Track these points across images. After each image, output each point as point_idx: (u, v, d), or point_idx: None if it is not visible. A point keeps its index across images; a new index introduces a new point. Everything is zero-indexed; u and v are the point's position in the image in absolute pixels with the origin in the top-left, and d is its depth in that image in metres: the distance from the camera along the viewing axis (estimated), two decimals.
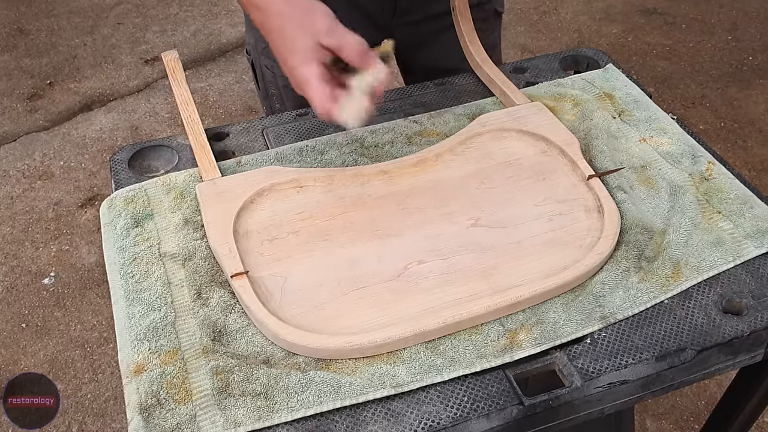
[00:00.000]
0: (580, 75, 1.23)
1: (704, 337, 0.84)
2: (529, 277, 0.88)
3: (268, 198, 0.99)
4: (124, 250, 0.93)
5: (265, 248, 0.93)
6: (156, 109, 3.07)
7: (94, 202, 2.63)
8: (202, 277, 0.90)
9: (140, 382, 0.78)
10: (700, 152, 1.06)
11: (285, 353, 0.82)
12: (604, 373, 0.80)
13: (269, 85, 1.36)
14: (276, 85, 1.34)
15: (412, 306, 0.86)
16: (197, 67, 3.31)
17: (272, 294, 0.88)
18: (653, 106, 1.15)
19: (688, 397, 2.01)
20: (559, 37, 3.43)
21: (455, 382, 0.80)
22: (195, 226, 0.96)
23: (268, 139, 1.12)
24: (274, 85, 1.34)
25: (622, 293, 0.87)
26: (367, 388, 0.78)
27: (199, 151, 1.05)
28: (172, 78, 1.16)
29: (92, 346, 2.18)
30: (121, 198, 1.00)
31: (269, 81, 1.35)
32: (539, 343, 0.82)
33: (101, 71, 3.30)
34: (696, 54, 3.32)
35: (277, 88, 1.34)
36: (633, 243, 0.93)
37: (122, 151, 1.09)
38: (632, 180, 1.02)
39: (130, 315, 0.85)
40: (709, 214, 0.96)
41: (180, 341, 0.83)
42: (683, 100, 3.05)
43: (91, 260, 2.42)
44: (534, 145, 1.07)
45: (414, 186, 1.02)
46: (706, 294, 0.88)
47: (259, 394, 0.77)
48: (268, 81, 1.35)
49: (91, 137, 2.93)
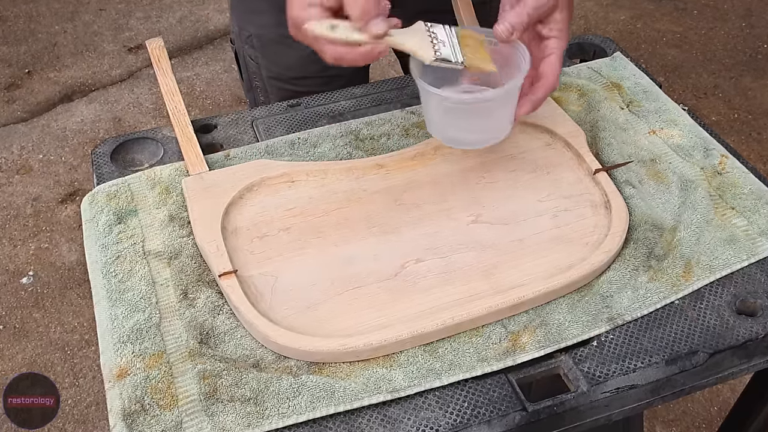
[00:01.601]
0: (586, 64, 1.23)
1: (717, 339, 0.84)
2: (533, 276, 0.89)
3: (258, 193, 0.99)
4: (106, 248, 0.93)
5: (254, 246, 0.93)
6: (140, 100, 3.06)
7: (74, 197, 2.63)
8: (188, 277, 0.89)
9: (123, 387, 0.78)
10: (713, 145, 1.06)
11: (276, 356, 0.82)
12: (611, 378, 0.80)
13: (253, 76, 1.35)
14: (260, 77, 1.33)
15: (409, 307, 0.86)
16: (183, 56, 3.31)
17: (262, 294, 0.87)
18: (663, 97, 1.15)
19: (700, 402, 2.01)
20: None
21: (455, 387, 0.80)
22: (181, 222, 0.96)
23: (257, 131, 1.12)
24: (258, 77, 1.34)
25: (631, 293, 0.87)
26: (362, 393, 0.78)
27: (185, 144, 1.05)
28: (156, 67, 1.15)
29: (73, 349, 2.18)
30: (104, 193, 1.00)
31: (253, 72, 1.34)
32: (543, 346, 0.82)
33: (82, 60, 3.29)
34: (708, 41, 3.32)
35: (261, 79, 1.34)
36: (642, 240, 0.93)
37: (104, 144, 1.09)
38: (641, 174, 1.02)
39: (112, 316, 0.85)
40: (722, 210, 0.96)
41: (165, 344, 0.82)
42: (695, 90, 3.05)
43: (72, 259, 2.42)
44: (538, 138, 1.07)
45: (411, 180, 1.02)
46: (719, 294, 0.88)
47: (248, 399, 0.77)
48: (251, 72, 1.35)
49: (71, 129, 2.92)
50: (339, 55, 0.86)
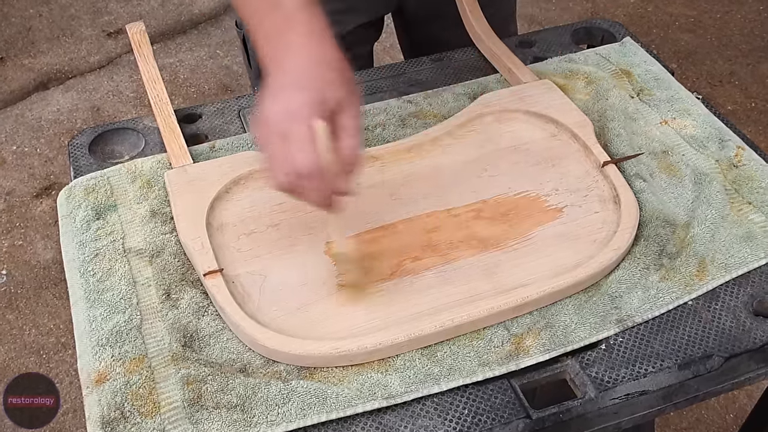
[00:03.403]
0: (594, 49, 1.23)
1: (733, 342, 0.84)
2: (537, 275, 0.89)
3: (246, 187, 0.99)
4: (84, 246, 0.93)
5: (241, 243, 0.93)
6: (120, 88, 3.06)
7: (50, 191, 2.63)
8: (171, 276, 0.89)
9: (102, 393, 0.78)
10: (729, 136, 1.06)
11: (264, 360, 0.82)
12: (620, 383, 0.81)
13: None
14: None
15: (406, 308, 0.86)
16: (166, 41, 3.30)
17: (250, 294, 0.88)
18: (676, 85, 1.15)
19: (714, 409, 2.01)
20: (571, 6, 3.43)
21: (454, 393, 0.80)
22: (163, 218, 0.96)
23: (245, 122, 1.11)
24: None
25: (641, 294, 0.87)
26: (356, 399, 0.78)
27: (168, 135, 1.05)
28: (137, 53, 1.15)
29: (48, 352, 2.18)
30: (81, 187, 1.00)
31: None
32: (548, 350, 0.82)
33: (59, 45, 3.29)
34: (724, 26, 3.32)
35: None
36: (653, 237, 0.93)
37: (82, 135, 1.09)
38: (652, 167, 1.02)
39: (90, 318, 0.85)
40: (739, 205, 0.96)
41: (147, 347, 0.82)
42: (709, 78, 3.05)
43: (48, 257, 2.42)
44: (542, 128, 1.08)
45: (408, 174, 1.02)
46: (735, 294, 0.88)
47: (235, 406, 0.77)
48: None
49: (47, 119, 2.92)
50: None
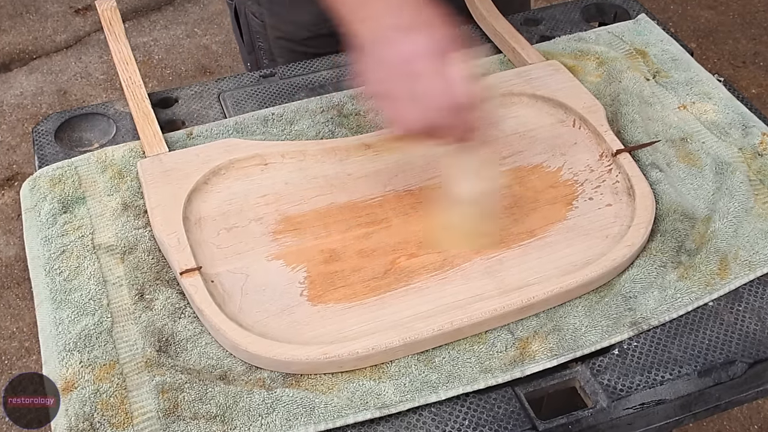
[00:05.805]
0: (605, 27, 1.23)
1: (758, 347, 0.84)
2: (544, 274, 0.89)
3: (226, 178, 0.99)
4: (49, 241, 0.92)
5: (221, 239, 0.93)
6: (89, 70, 3.06)
7: (13, 182, 2.63)
8: (144, 275, 0.89)
9: (70, 403, 0.78)
10: (753, 122, 1.06)
11: (246, 367, 0.82)
12: (635, 392, 0.81)
13: (256, 37, 1.35)
14: (265, 37, 1.33)
15: (400, 309, 0.86)
16: (139, 18, 3.30)
17: (230, 295, 0.87)
18: (695, 66, 1.15)
19: (737, 420, 2.02)
20: None
21: (453, 403, 0.80)
22: (136, 212, 0.96)
23: (225, 106, 1.11)
24: (262, 37, 1.34)
25: (658, 294, 0.87)
26: (347, 409, 0.78)
27: (141, 121, 1.05)
28: (108, 31, 1.15)
29: (11, 358, 2.18)
30: (47, 178, 0.99)
31: (256, 32, 1.34)
32: (556, 355, 0.82)
33: (21, 23, 3.28)
34: (748, 2, 3.33)
35: (266, 40, 1.33)
36: (670, 232, 0.93)
37: (48, 121, 1.09)
38: (669, 156, 1.02)
39: (57, 320, 0.85)
40: (764, 197, 0.97)
41: (118, 352, 0.82)
42: (732, 59, 3.06)
43: (10, 254, 2.42)
44: (550, 113, 1.08)
45: (403, 163, 1.01)
46: (760, 294, 0.88)
47: (214, 416, 0.77)
48: (254, 32, 1.34)
49: (9, 103, 2.91)
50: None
